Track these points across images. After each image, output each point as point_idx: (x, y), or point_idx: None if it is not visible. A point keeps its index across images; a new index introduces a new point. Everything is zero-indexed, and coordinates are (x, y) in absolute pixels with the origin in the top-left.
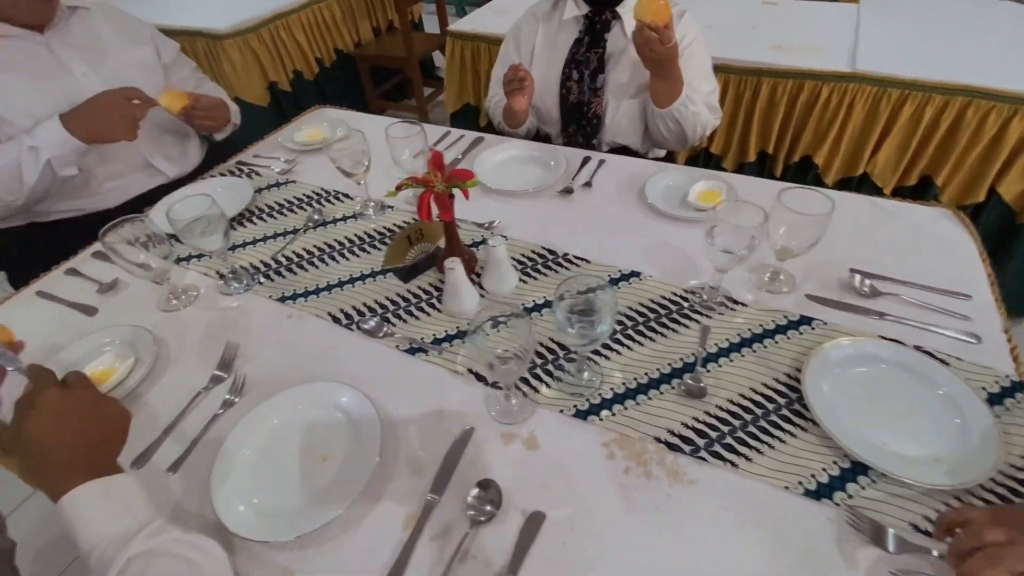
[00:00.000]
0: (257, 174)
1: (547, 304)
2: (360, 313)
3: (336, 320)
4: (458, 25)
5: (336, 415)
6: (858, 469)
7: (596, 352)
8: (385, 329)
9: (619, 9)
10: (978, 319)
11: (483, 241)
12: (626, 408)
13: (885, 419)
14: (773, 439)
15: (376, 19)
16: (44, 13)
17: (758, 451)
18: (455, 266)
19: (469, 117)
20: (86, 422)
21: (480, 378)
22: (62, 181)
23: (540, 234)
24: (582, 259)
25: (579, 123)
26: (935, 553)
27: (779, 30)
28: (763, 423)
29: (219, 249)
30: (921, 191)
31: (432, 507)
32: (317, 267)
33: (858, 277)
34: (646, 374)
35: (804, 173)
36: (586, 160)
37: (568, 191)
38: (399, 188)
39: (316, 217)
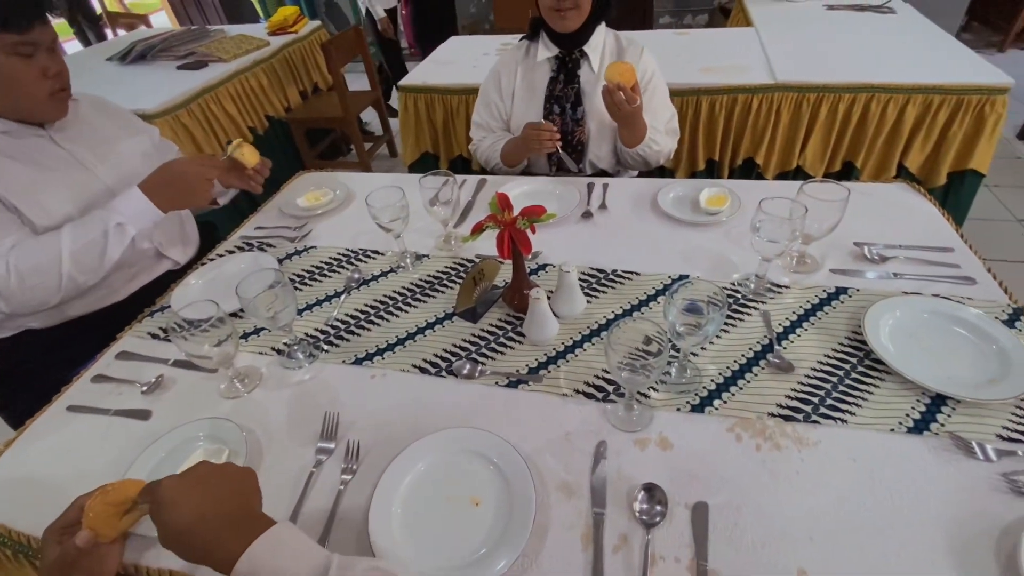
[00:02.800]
0: (270, 245)
1: (616, 319)
2: (443, 360)
3: (424, 371)
4: (407, 80)
5: (473, 458)
6: (937, 402)
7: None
8: (480, 368)
9: (585, 48)
10: (965, 265)
11: (532, 272)
12: (732, 395)
13: (940, 357)
14: (863, 392)
15: (302, 83)
16: (59, 113)
17: (856, 404)
18: (540, 296)
19: (428, 166)
20: (216, 488)
21: (589, 396)
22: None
23: (579, 257)
24: (632, 272)
25: (565, 151)
26: (1022, 451)
27: (701, 55)
28: (849, 381)
29: (289, 321)
30: (845, 175)
31: (601, 521)
32: (379, 324)
33: (866, 247)
34: (735, 361)
35: (748, 173)
36: (591, 186)
37: (588, 215)
38: (476, 230)
39: (356, 276)
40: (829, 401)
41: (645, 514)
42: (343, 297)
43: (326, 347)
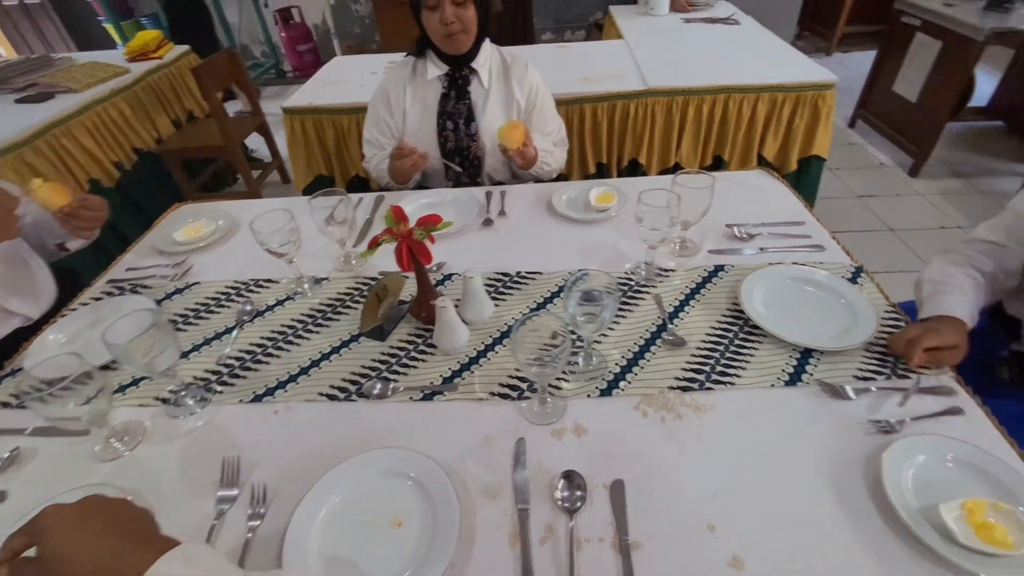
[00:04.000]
0: (145, 287)
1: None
2: (353, 383)
3: (333, 398)
4: (292, 102)
5: (391, 479)
6: (806, 355)
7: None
8: (392, 387)
9: (474, 65)
10: (815, 235)
11: (438, 283)
12: (635, 375)
13: (803, 315)
14: (747, 355)
15: (174, 112)
16: None
17: (742, 367)
18: (447, 304)
19: (323, 188)
20: (112, 513)
21: (504, 396)
22: None
23: (483, 263)
24: (535, 272)
25: (463, 166)
26: (874, 386)
27: (579, 66)
28: (733, 347)
29: (172, 365)
30: (715, 167)
31: (526, 515)
32: (278, 356)
33: (736, 228)
34: (635, 343)
35: (634, 172)
36: (489, 195)
37: (489, 222)
38: (373, 244)
39: (248, 308)
40: (719, 368)
41: (567, 501)
42: (235, 332)
43: (219, 388)
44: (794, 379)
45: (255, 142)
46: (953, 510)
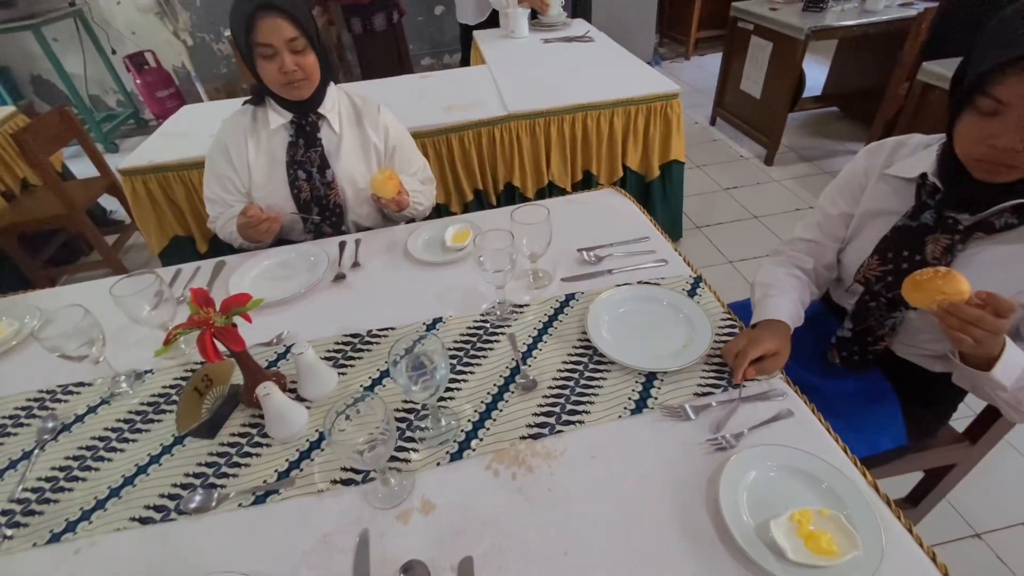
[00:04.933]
0: None
1: (375, 384)
2: (174, 497)
3: (146, 520)
4: (130, 161)
5: None
6: (650, 378)
7: (441, 398)
8: (217, 495)
9: (321, 110)
10: (659, 250)
11: (280, 358)
12: (487, 428)
13: (647, 337)
14: (595, 388)
15: (3, 183)
16: None
17: (590, 403)
18: (270, 390)
19: (185, 249)
20: None
21: (347, 483)
22: None
23: (332, 326)
24: (387, 329)
25: (322, 215)
26: (713, 401)
27: (442, 95)
28: (583, 382)
29: None
30: (587, 182)
31: None
32: (85, 478)
33: (584, 253)
34: (488, 393)
35: (511, 195)
36: (343, 245)
37: (341, 277)
38: (169, 340)
39: (50, 425)
40: (569, 407)
41: None
42: (34, 456)
43: (9, 532)
44: (640, 406)
45: (112, 203)
46: (782, 524)
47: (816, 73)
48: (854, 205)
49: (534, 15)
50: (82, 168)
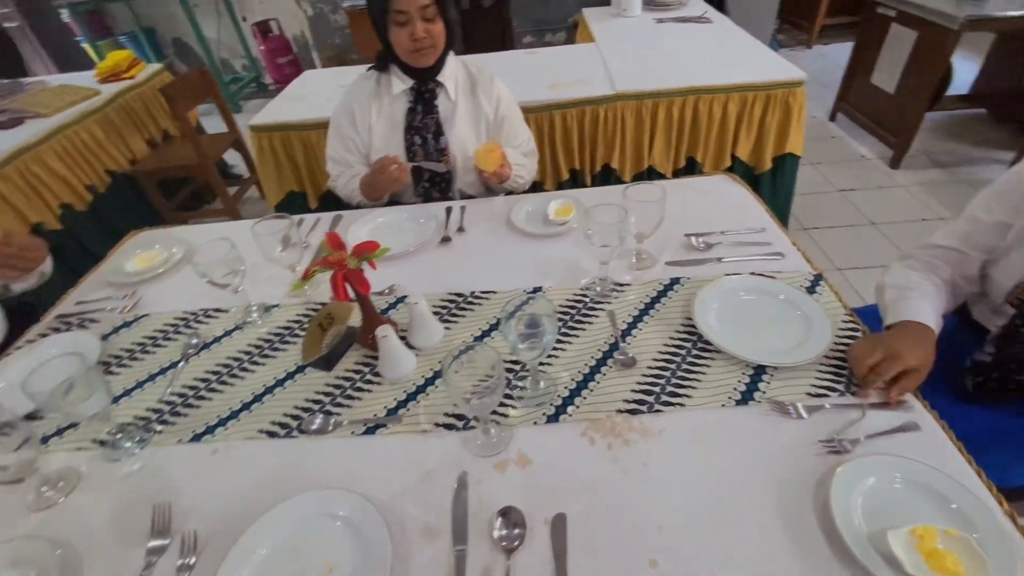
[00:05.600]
0: (93, 321)
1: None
2: (295, 418)
3: (273, 435)
4: (259, 119)
5: (325, 522)
6: (759, 371)
7: (541, 363)
8: (333, 421)
9: (440, 78)
10: (775, 242)
11: (391, 307)
12: (584, 398)
13: (758, 329)
14: (698, 374)
15: (148, 131)
16: None
17: (692, 387)
18: (388, 333)
19: (296, 204)
20: None
21: (449, 427)
22: None
23: (439, 284)
24: (489, 292)
25: (432, 180)
26: (828, 403)
27: (547, 71)
28: (685, 366)
29: (102, 410)
30: (690, 169)
31: (464, 558)
32: (221, 391)
33: (693, 239)
34: (586, 364)
35: (608, 177)
36: (449, 210)
37: (447, 240)
38: (307, 275)
39: (194, 342)
40: (669, 388)
41: (504, 540)
42: (180, 366)
43: (159, 428)
44: (746, 398)
45: (235, 158)
46: (901, 537)
47: (964, 69)
48: (1014, 215)
49: None
50: (211, 124)
